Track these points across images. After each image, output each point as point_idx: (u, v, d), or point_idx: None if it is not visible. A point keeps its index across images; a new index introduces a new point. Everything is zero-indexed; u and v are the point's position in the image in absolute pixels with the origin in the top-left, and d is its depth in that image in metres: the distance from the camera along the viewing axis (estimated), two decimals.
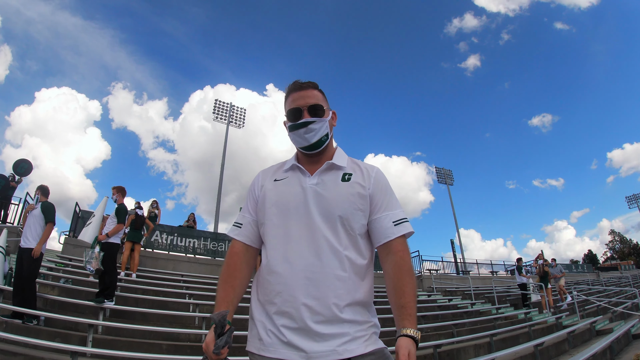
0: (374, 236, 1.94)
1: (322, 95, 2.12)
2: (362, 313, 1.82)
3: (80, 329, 7.28)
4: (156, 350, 7.02)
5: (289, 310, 1.74)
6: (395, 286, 1.83)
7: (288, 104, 2.07)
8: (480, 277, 30.55)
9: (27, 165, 15.24)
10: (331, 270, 1.77)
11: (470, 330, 11.73)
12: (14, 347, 5.88)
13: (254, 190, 2.12)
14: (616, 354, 10.00)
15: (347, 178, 1.98)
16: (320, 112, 2.03)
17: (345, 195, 1.90)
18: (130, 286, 11.22)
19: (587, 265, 50.90)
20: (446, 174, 45.61)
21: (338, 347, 1.69)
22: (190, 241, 18.82)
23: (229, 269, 2.00)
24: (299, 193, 1.94)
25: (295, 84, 2.09)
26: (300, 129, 1.99)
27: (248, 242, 2.05)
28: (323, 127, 2.03)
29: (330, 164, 2.01)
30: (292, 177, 2.02)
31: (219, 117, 36.16)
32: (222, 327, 1.70)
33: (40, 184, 8.47)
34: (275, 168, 2.17)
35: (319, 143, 2.02)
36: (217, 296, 1.93)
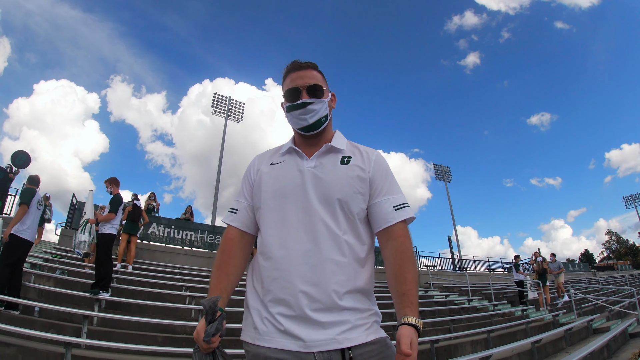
0: (373, 221, 1.87)
1: (321, 76, 2.05)
2: (363, 301, 1.75)
3: (75, 320, 7.24)
4: (151, 342, 6.97)
5: (285, 297, 1.67)
6: (396, 273, 1.76)
7: (286, 84, 2.01)
8: (477, 274, 30.66)
9: (25, 157, 15.19)
10: (330, 256, 1.70)
11: (467, 327, 11.71)
12: (8, 337, 5.81)
13: (249, 175, 2.06)
14: (613, 352, 9.99)
15: (347, 161, 1.92)
16: (320, 93, 1.97)
17: (345, 178, 1.85)
18: (126, 278, 11.16)
19: (583, 265, 50.98)
20: (444, 170, 45.56)
21: (338, 335, 1.63)
22: (188, 234, 18.77)
23: (223, 255, 1.94)
24: (297, 176, 1.87)
25: (294, 63, 2.02)
26: (299, 109, 1.93)
27: (243, 228, 1.99)
28: (322, 108, 1.97)
29: (328, 146, 1.95)
30: (289, 161, 1.96)
31: (217, 111, 35.99)
32: (213, 313, 1.64)
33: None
34: (272, 152, 2.10)
35: (318, 124, 1.96)
36: (211, 283, 1.87)
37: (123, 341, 6.36)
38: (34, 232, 7.64)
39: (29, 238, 7.50)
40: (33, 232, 7.61)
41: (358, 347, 1.64)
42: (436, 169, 45.75)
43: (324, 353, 1.60)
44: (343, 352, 1.62)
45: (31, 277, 9.18)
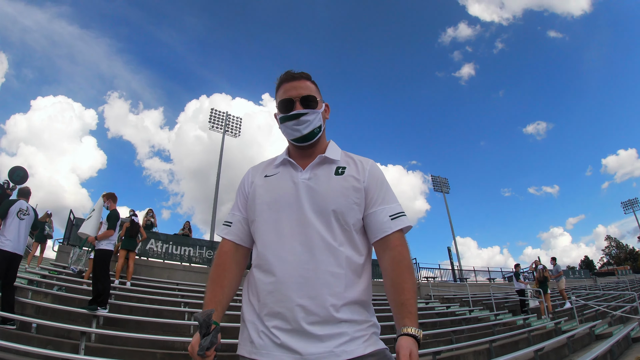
0: (369, 231, 1.86)
1: (315, 87, 2.04)
2: (361, 312, 1.73)
3: (73, 337, 7.16)
4: (150, 358, 6.92)
5: (281, 310, 1.64)
6: (393, 283, 1.73)
7: (279, 94, 1.99)
8: (477, 284, 30.54)
9: (23, 172, 15.13)
10: (326, 268, 1.67)
11: (469, 337, 11.64)
12: (4, 354, 5.76)
13: (243, 187, 2.05)
14: (617, 357, 9.94)
15: (341, 171, 1.90)
16: (313, 104, 1.96)
17: (339, 189, 1.83)
18: (124, 294, 11.09)
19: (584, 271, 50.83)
20: (442, 182, 45.58)
21: (335, 348, 1.59)
22: (186, 249, 18.66)
23: (217, 268, 1.93)
24: (291, 188, 1.86)
25: (287, 74, 2.01)
26: (292, 120, 1.92)
27: (238, 241, 1.98)
28: (316, 119, 1.96)
29: (322, 157, 1.94)
30: (284, 172, 1.95)
31: (214, 126, 36.02)
32: (208, 327, 1.61)
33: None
34: (266, 164, 2.09)
35: (312, 135, 1.95)
36: (205, 297, 1.87)
37: (121, 358, 6.31)
38: (17, 244, 7.49)
39: (10, 249, 7.36)
40: (16, 243, 7.47)
41: (356, 359, 1.60)
42: (434, 181, 45.77)
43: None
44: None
45: (29, 293, 9.14)
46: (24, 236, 7.65)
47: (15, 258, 7.48)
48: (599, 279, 44.73)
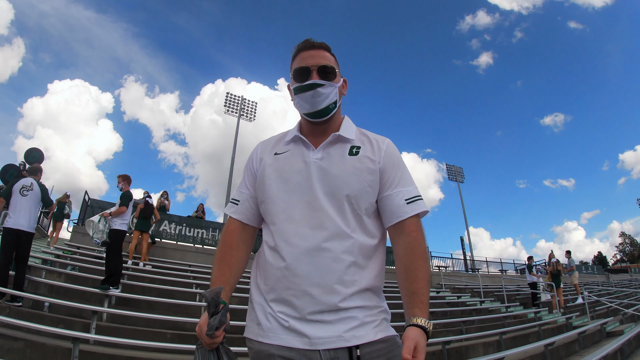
0: (384, 215, 1.77)
1: (334, 59, 1.91)
2: (371, 298, 1.66)
3: (85, 316, 7.27)
4: (160, 338, 6.93)
5: (289, 298, 1.59)
6: (406, 270, 1.64)
7: (295, 62, 1.86)
8: (489, 275, 30.44)
9: (39, 154, 15.24)
10: (337, 255, 1.59)
11: (479, 328, 11.60)
12: (16, 332, 5.84)
13: (252, 164, 1.94)
14: (627, 356, 9.84)
15: (355, 152, 1.79)
16: (331, 76, 1.83)
17: (353, 171, 1.73)
18: (137, 274, 11.20)
19: (596, 267, 50.47)
20: (457, 171, 45.21)
21: (345, 333, 1.54)
22: (199, 232, 18.80)
23: (224, 246, 1.86)
24: (302, 169, 1.76)
25: (306, 42, 1.88)
26: (307, 91, 1.79)
27: (245, 221, 1.90)
28: (332, 93, 1.82)
29: (336, 136, 1.82)
30: (295, 150, 1.84)
31: (230, 110, 36.07)
32: (216, 305, 1.52)
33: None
34: (276, 140, 1.97)
35: (327, 110, 1.81)
36: (212, 276, 1.79)
37: (132, 337, 6.33)
38: (20, 220, 7.50)
39: (13, 226, 7.39)
40: (19, 219, 7.49)
41: (366, 345, 1.55)
42: (449, 170, 45.41)
43: (330, 351, 1.52)
44: (350, 350, 1.53)
45: (42, 273, 9.24)
46: (29, 212, 7.63)
47: (22, 235, 7.48)
48: (611, 275, 44.40)
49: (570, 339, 10.72)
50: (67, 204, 16.02)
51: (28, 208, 7.64)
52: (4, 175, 14.21)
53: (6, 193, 7.74)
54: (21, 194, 7.66)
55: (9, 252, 7.34)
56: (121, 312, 7.45)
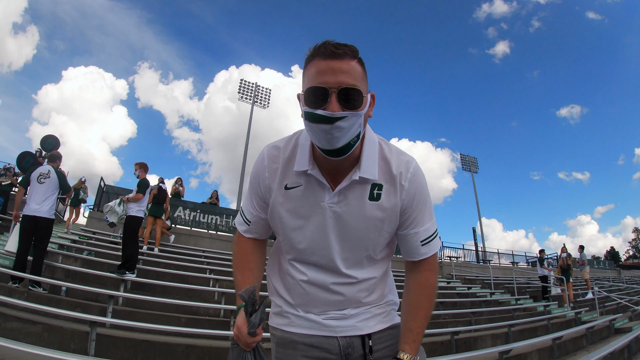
0: (400, 248, 1.76)
1: (361, 70, 1.47)
2: (382, 296, 1.81)
3: (101, 300, 7.43)
4: (175, 322, 7.08)
5: (311, 309, 1.72)
6: (409, 305, 1.69)
7: (311, 75, 1.43)
8: (500, 267, 30.34)
9: (55, 141, 15.48)
10: (354, 294, 1.70)
11: (489, 320, 11.64)
12: (34, 315, 5.98)
13: (259, 189, 1.71)
14: (634, 353, 9.80)
15: (377, 195, 1.59)
16: (357, 102, 1.41)
17: (374, 223, 1.60)
18: (151, 260, 11.38)
19: (608, 262, 50.02)
20: (471, 161, 44.84)
21: (358, 323, 1.71)
22: (213, 218, 19.01)
23: (240, 254, 1.82)
24: (317, 214, 1.60)
25: (326, 46, 1.42)
26: (323, 124, 1.38)
27: (257, 237, 1.85)
28: (355, 125, 1.42)
29: (356, 180, 1.55)
30: (307, 188, 1.61)
31: (244, 97, 36.12)
32: (253, 303, 1.54)
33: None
34: (284, 162, 1.65)
35: (346, 148, 1.44)
36: (237, 280, 1.76)
37: (147, 321, 6.46)
38: (37, 206, 7.66)
39: (29, 213, 7.58)
40: (36, 205, 7.66)
41: (377, 332, 1.74)
42: (463, 160, 45.05)
43: (347, 338, 1.70)
44: (363, 338, 1.71)
45: (59, 258, 9.43)
46: (46, 199, 7.77)
47: (40, 221, 7.62)
48: (623, 271, 43.86)
49: (579, 333, 10.72)
50: (82, 189, 16.22)
51: (45, 195, 7.77)
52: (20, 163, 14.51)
53: (25, 181, 7.98)
54: (38, 182, 7.81)
55: (26, 239, 7.52)
56: (137, 296, 7.60)
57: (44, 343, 5.46)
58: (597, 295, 16.24)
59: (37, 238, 7.62)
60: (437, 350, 7.87)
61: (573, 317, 13.81)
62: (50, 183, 7.88)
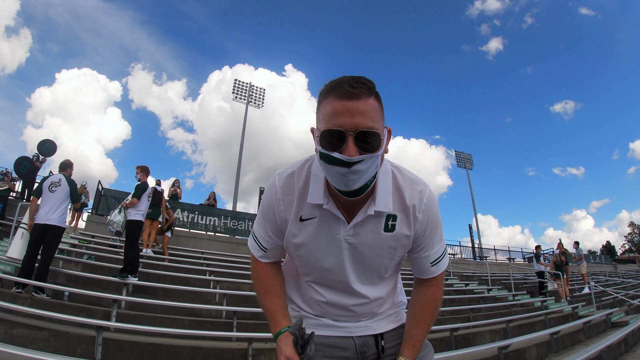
0: (411, 266, 1.81)
1: (379, 107, 1.41)
2: (393, 303, 1.92)
3: (104, 304, 7.48)
4: (178, 325, 7.17)
5: (332, 316, 1.81)
6: (414, 316, 1.80)
7: (326, 116, 1.37)
8: (497, 263, 30.51)
9: (52, 145, 15.46)
10: (369, 310, 1.80)
11: (487, 316, 11.74)
12: (40, 322, 6.03)
13: (274, 217, 1.68)
14: (631, 346, 9.92)
15: (391, 226, 1.59)
16: (374, 144, 1.35)
17: (388, 250, 1.64)
18: (152, 262, 11.44)
19: (604, 257, 50.22)
20: (466, 158, 44.93)
21: (372, 323, 1.82)
22: (211, 219, 19.08)
23: (263, 281, 1.82)
24: (333, 245, 1.61)
25: (342, 85, 1.34)
26: (339, 166, 1.34)
27: (274, 261, 1.86)
28: (372, 167, 1.38)
29: (372, 215, 1.54)
30: (322, 220, 1.59)
31: (238, 97, 36.06)
32: (303, 336, 1.55)
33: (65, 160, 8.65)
34: (299, 192, 1.62)
35: (362, 189, 1.41)
36: (267, 307, 1.78)
37: (151, 324, 6.54)
38: (47, 214, 7.75)
39: (40, 221, 7.69)
40: (46, 214, 7.75)
41: (388, 332, 1.85)
42: (457, 156, 45.12)
43: (361, 337, 1.80)
44: (376, 337, 1.82)
45: (59, 263, 9.44)
46: (57, 207, 7.86)
47: (50, 228, 7.68)
48: (619, 265, 43.95)
49: (576, 328, 10.83)
50: (84, 194, 16.32)
51: (56, 203, 7.86)
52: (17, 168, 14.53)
53: (37, 191, 8.11)
54: (50, 190, 7.93)
55: (33, 246, 7.60)
56: (140, 299, 7.68)
57: (51, 349, 5.52)
58: (594, 290, 16.35)
59: (46, 245, 7.66)
60: (437, 346, 7.95)
61: (570, 312, 13.91)
62: (62, 191, 7.98)
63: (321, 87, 1.45)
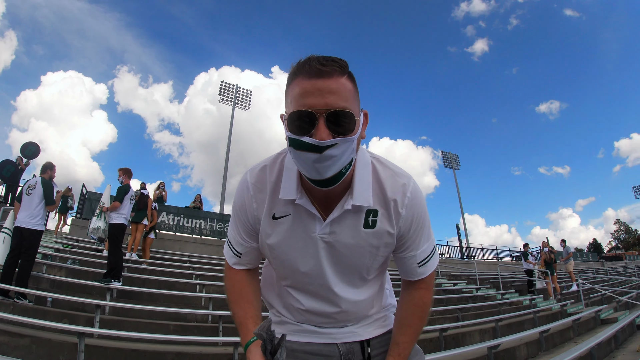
0: (397, 267, 1.67)
1: (352, 88, 1.30)
2: (380, 306, 1.80)
3: (88, 310, 7.33)
4: (163, 330, 7.05)
5: (314, 323, 1.70)
6: (400, 321, 1.67)
7: (294, 97, 1.26)
8: (485, 262, 30.65)
9: (35, 148, 15.33)
10: (353, 316, 1.68)
11: (476, 315, 11.75)
12: (21, 328, 5.90)
13: (246, 217, 1.58)
14: (621, 343, 9.98)
15: (372, 222, 1.47)
16: (348, 126, 1.24)
17: (369, 249, 1.51)
18: (136, 267, 11.28)
19: (591, 254, 50.72)
20: (452, 158, 45.28)
21: (357, 329, 1.70)
22: (197, 222, 18.94)
23: (235, 288, 1.70)
24: (309, 245, 1.50)
25: (311, 63, 1.24)
26: (310, 152, 1.22)
27: (250, 268, 1.73)
28: (347, 152, 1.26)
29: (349, 209, 1.43)
30: (296, 218, 1.49)
31: (224, 99, 35.96)
32: (272, 340, 1.42)
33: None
34: (271, 186, 1.52)
35: (336, 178, 1.29)
36: (238, 315, 1.65)
37: (135, 330, 6.42)
38: (24, 217, 7.66)
39: (16, 224, 7.65)
40: (23, 217, 7.66)
41: (376, 337, 1.73)
42: (444, 157, 45.47)
43: (346, 344, 1.68)
44: (362, 343, 1.70)
45: (43, 268, 9.29)
46: (33, 209, 7.74)
47: (24, 232, 7.55)
48: (606, 262, 44.60)
49: (565, 326, 10.86)
50: (69, 197, 16.23)
51: (32, 205, 7.74)
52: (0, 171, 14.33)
53: (19, 196, 8.09)
54: (26, 194, 7.85)
55: (13, 250, 7.50)
56: (124, 305, 7.55)
57: (33, 356, 5.42)
58: (582, 287, 16.49)
59: (23, 249, 7.51)
60: (426, 347, 7.92)
61: (559, 310, 13.98)
62: (36, 194, 7.84)
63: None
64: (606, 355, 8.92)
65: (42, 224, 7.92)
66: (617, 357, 8.90)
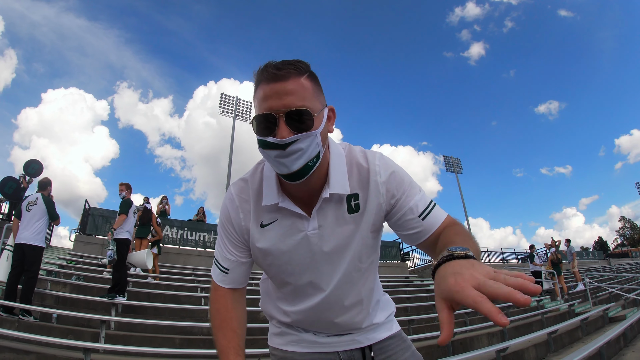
0: (407, 239, 1.59)
1: (310, 85, 1.36)
2: (378, 305, 1.79)
3: (93, 325, 7.31)
4: (169, 344, 7.01)
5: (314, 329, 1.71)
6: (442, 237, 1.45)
7: (258, 102, 1.36)
8: (491, 265, 30.43)
9: (38, 165, 15.35)
10: (352, 320, 1.67)
11: (483, 319, 11.58)
12: (27, 345, 5.86)
13: (233, 229, 1.60)
14: (630, 340, 9.92)
15: (355, 206, 1.51)
16: (307, 123, 1.30)
17: (357, 234, 1.53)
18: (141, 281, 11.29)
19: (597, 252, 50.43)
20: (455, 162, 45.03)
21: (358, 336, 1.70)
22: (201, 235, 18.88)
23: (220, 312, 1.65)
24: (301, 247, 1.52)
25: (267, 68, 1.33)
26: (275, 150, 1.30)
27: (236, 287, 1.69)
28: (312, 146, 1.33)
29: (327, 198, 1.47)
30: (284, 221, 1.52)
31: (225, 111, 35.98)
32: None
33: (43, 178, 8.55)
34: (254, 196, 1.57)
35: (305, 170, 1.34)
36: (220, 344, 1.60)
37: (141, 344, 6.42)
38: (25, 233, 7.64)
39: (19, 240, 7.60)
40: (24, 233, 7.64)
41: (377, 343, 1.72)
42: (446, 161, 45.21)
43: (347, 352, 1.68)
44: (363, 350, 1.70)
45: (47, 284, 9.29)
46: (34, 226, 7.73)
47: (25, 248, 7.54)
48: (612, 260, 44.30)
49: (573, 326, 10.78)
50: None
51: (33, 221, 7.72)
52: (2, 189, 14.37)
53: (18, 212, 8.03)
54: (27, 210, 7.82)
55: (15, 267, 7.48)
56: (129, 320, 7.54)
57: None
58: (589, 286, 16.37)
59: (26, 266, 7.49)
60: (434, 353, 7.86)
61: (567, 310, 13.87)
62: (37, 210, 7.82)
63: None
64: (615, 353, 8.87)
65: (44, 240, 7.91)
66: (627, 354, 8.86)
